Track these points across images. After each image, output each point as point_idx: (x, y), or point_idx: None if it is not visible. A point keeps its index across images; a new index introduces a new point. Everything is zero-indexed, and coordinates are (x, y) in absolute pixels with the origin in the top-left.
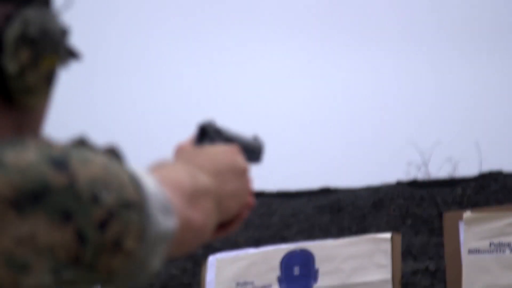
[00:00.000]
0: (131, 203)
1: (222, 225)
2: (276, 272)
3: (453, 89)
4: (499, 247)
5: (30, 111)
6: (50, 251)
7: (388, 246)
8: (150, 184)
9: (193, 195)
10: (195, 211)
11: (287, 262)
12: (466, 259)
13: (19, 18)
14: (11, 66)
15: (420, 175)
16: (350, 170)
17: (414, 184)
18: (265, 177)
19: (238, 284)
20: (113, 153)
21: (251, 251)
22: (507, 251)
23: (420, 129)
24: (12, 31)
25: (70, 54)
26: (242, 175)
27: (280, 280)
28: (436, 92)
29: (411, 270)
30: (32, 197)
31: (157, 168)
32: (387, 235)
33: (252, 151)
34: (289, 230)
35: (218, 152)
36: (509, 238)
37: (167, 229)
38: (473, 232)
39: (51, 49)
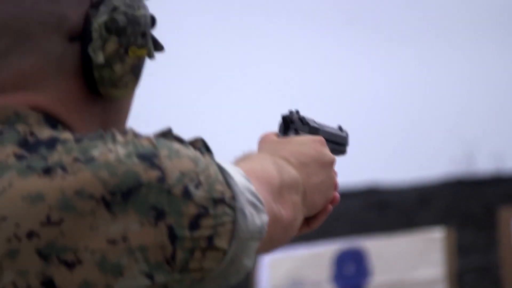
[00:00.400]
0: (223, 198)
1: (306, 220)
2: (329, 270)
3: (496, 81)
4: None
5: (116, 103)
6: (142, 252)
7: (441, 243)
8: (239, 177)
9: (282, 188)
10: (284, 205)
11: (340, 260)
12: None
13: (106, 5)
14: (98, 57)
15: (465, 170)
16: (395, 163)
17: (460, 181)
18: None
19: (292, 283)
20: (200, 145)
21: (304, 250)
22: None
23: (464, 123)
24: (100, 19)
25: (155, 45)
26: (329, 167)
27: (333, 278)
28: (479, 85)
29: (460, 268)
30: (122, 194)
31: (243, 160)
32: (440, 232)
33: (338, 142)
34: (337, 227)
35: (304, 142)
36: None
37: (258, 226)
38: None
39: (139, 40)
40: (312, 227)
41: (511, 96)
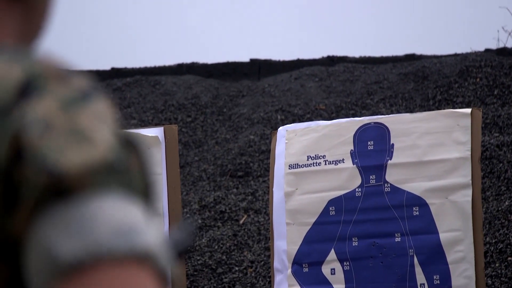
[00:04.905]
0: None
1: None
2: (349, 146)
3: None
4: None
5: (34, 6)
6: None
7: (467, 122)
8: None
9: None
10: None
11: (361, 136)
12: None
13: None
14: None
15: (510, 43)
16: (436, 37)
17: (503, 52)
18: (348, 42)
19: (309, 157)
20: None
21: (323, 123)
22: None
23: None
24: None
25: None
26: None
27: (353, 154)
28: None
29: (496, 142)
30: None
31: None
32: (467, 110)
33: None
34: (372, 98)
35: None
36: None
37: None
38: None
39: None
40: None
41: None
